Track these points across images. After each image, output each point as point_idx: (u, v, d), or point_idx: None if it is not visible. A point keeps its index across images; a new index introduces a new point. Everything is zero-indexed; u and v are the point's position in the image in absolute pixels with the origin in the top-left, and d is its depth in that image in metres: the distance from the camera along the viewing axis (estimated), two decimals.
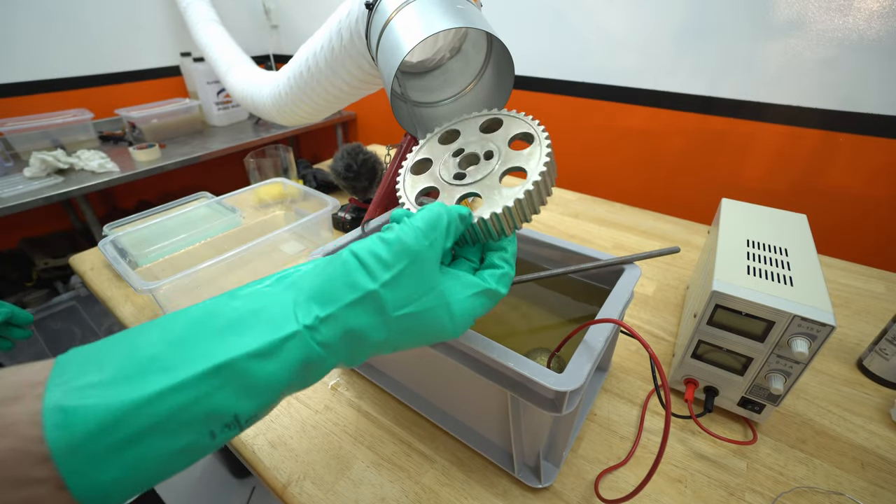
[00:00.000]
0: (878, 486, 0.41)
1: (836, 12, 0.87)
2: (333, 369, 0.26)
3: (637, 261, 0.44)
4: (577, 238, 0.83)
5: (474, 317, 0.28)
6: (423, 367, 0.46)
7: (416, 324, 0.26)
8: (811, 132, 0.98)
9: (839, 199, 1.00)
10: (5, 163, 1.29)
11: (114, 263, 0.55)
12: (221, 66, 1.11)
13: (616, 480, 0.41)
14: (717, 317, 0.43)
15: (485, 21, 0.42)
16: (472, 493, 0.40)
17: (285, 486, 0.41)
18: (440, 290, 0.26)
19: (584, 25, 1.18)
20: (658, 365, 0.31)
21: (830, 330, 0.38)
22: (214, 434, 0.21)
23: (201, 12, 1.44)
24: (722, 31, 1.00)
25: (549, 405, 0.33)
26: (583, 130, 1.32)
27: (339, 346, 0.24)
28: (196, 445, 0.21)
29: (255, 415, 0.22)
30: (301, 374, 0.23)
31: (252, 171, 0.91)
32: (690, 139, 1.14)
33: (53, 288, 1.52)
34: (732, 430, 0.47)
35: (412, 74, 0.59)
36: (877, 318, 0.62)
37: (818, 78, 0.93)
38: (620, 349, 0.56)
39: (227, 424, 0.21)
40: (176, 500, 1.20)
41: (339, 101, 0.67)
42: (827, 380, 0.53)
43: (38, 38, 1.43)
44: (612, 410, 0.48)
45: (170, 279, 0.51)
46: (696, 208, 1.18)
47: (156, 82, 1.77)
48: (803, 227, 0.54)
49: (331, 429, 0.46)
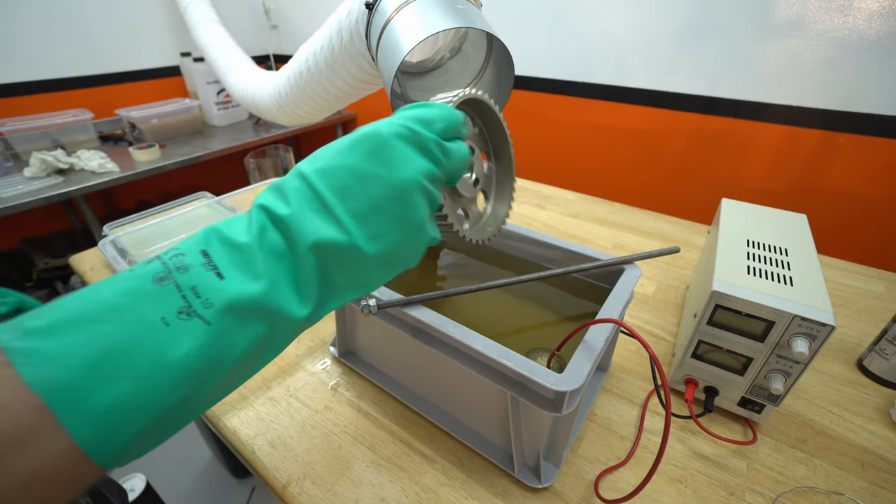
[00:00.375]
0: (878, 486, 0.41)
1: (836, 12, 0.87)
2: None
3: (637, 261, 0.44)
4: (577, 238, 0.83)
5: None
6: (424, 368, 0.46)
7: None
8: (811, 132, 0.98)
9: (839, 199, 1.00)
10: (5, 163, 1.29)
11: (114, 263, 0.55)
12: (221, 66, 1.11)
13: (616, 480, 0.41)
14: (717, 317, 0.43)
15: (485, 21, 0.42)
16: (472, 493, 0.40)
17: (285, 486, 0.41)
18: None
19: (584, 25, 1.18)
20: (658, 365, 0.31)
21: (830, 330, 0.38)
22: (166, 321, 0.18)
23: (201, 12, 1.44)
24: (722, 31, 1.00)
25: (549, 405, 0.33)
26: (583, 130, 1.32)
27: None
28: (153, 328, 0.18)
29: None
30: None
31: (252, 171, 0.91)
32: (690, 139, 1.14)
33: (53, 288, 1.52)
34: (732, 430, 0.47)
35: (412, 74, 0.59)
36: (877, 318, 0.62)
37: (818, 78, 0.93)
38: (620, 349, 0.56)
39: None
40: (176, 500, 1.20)
41: (339, 101, 0.67)
42: (827, 380, 0.53)
43: (38, 38, 1.43)
44: (612, 410, 0.48)
45: None
46: (696, 208, 1.18)
47: (156, 82, 1.77)
48: (803, 227, 0.54)
49: (331, 429, 0.46)
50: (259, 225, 0.22)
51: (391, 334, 0.46)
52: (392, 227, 0.23)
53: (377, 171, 0.23)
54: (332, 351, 0.55)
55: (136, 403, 0.17)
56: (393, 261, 0.25)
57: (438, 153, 0.25)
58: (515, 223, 0.51)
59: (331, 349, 0.55)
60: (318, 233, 0.22)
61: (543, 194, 1.02)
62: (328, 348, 0.56)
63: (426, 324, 0.37)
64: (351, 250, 0.22)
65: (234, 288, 0.20)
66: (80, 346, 0.17)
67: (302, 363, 0.54)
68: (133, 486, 0.94)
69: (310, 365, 0.54)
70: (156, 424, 0.18)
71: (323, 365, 0.54)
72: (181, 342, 0.18)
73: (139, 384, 0.17)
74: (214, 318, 0.19)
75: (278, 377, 0.52)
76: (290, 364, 0.54)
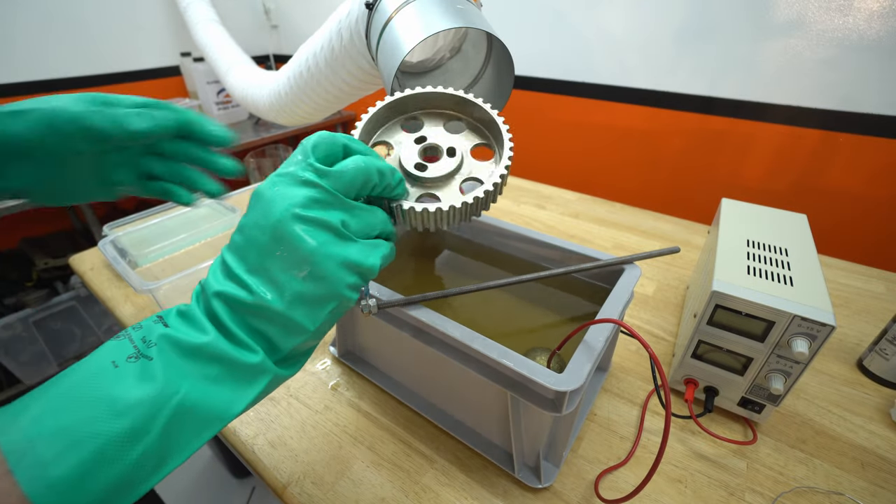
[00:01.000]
0: (878, 486, 0.41)
1: (836, 12, 0.87)
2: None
3: (637, 261, 0.44)
4: (577, 238, 0.83)
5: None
6: (424, 368, 0.46)
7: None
8: (811, 132, 0.98)
9: (839, 199, 1.00)
10: None
11: (114, 263, 0.55)
12: (221, 66, 1.11)
13: (616, 480, 0.41)
14: (717, 317, 0.43)
15: (485, 21, 0.42)
16: (472, 493, 0.40)
17: (285, 486, 0.41)
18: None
19: (584, 25, 1.18)
20: (658, 365, 0.31)
21: (830, 330, 0.38)
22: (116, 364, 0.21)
23: (201, 12, 1.44)
24: (722, 31, 1.00)
25: (549, 405, 0.33)
26: (583, 130, 1.32)
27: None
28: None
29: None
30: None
31: (252, 170, 0.91)
32: (690, 139, 1.14)
33: (53, 288, 1.52)
34: (732, 430, 0.47)
35: (412, 74, 0.59)
36: (877, 318, 0.62)
37: (818, 78, 0.93)
38: (620, 349, 0.56)
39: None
40: (176, 500, 1.20)
41: (339, 101, 0.67)
42: (827, 380, 0.53)
43: (38, 38, 1.43)
44: (612, 410, 0.48)
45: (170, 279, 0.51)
46: (696, 208, 1.18)
47: (156, 82, 1.77)
48: (803, 227, 0.54)
49: (331, 429, 0.46)
50: (195, 293, 0.25)
51: (391, 334, 0.46)
52: (286, 266, 0.24)
53: (256, 221, 0.24)
54: (332, 351, 0.55)
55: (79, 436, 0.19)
56: (313, 299, 0.24)
57: (313, 177, 0.25)
58: (515, 223, 0.51)
59: (331, 349, 0.55)
60: (225, 292, 0.24)
61: (543, 194, 1.02)
62: (328, 348, 0.56)
63: (426, 324, 0.37)
64: (259, 305, 0.23)
65: (175, 332, 0.22)
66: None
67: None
68: None
69: (310, 365, 0.54)
70: (100, 456, 0.19)
71: (323, 365, 0.54)
72: (126, 380, 0.21)
73: (84, 414, 0.20)
74: (156, 355, 0.21)
75: None
76: None
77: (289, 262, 0.24)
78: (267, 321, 0.24)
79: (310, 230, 0.24)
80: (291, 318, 0.24)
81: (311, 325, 0.25)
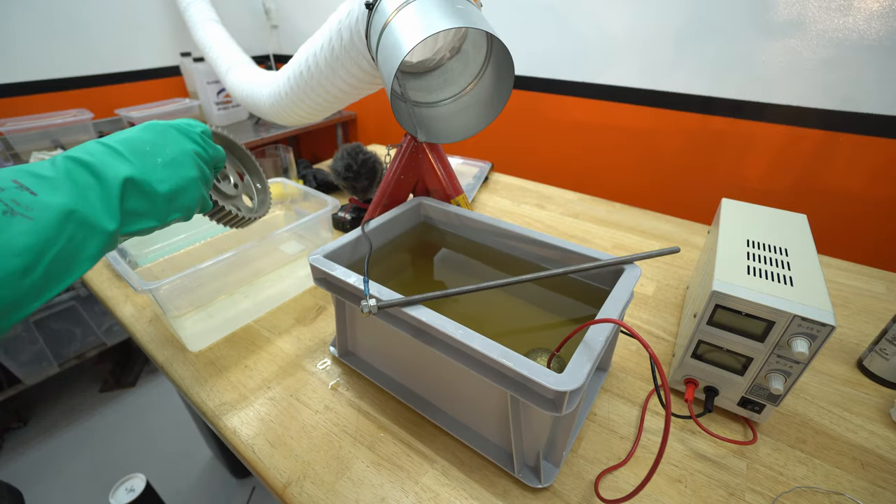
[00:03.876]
0: (878, 486, 0.41)
1: (836, 12, 0.87)
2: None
3: (637, 261, 0.44)
4: (577, 238, 0.83)
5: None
6: (424, 368, 0.46)
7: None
8: (811, 132, 0.98)
9: (839, 199, 1.00)
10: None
11: (114, 263, 0.55)
12: (221, 66, 1.11)
13: (616, 480, 0.41)
14: (717, 317, 0.43)
15: (485, 21, 0.42)
16: (472, 493, 0.40)
17: (285, 486, 0.41)
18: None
19: (585, 25, 1.18)
20: (658, 365, 0.31)
21: (830, 330, 0.38)
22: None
23: (201, 12, 1.44)
24: (722, 31, 1.00)
25: (549, 405, 0.33)
26: (583, 130, 1.32)
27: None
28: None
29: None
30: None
31: None
32: (691, 139, 1.14)
33: None
34: (732, 430, 0.47)
35: (412, 74, 0.59)
36: (877, 318, 0.62)
37: (818, 78, 0.93)
38: (620, 349, 0.56)
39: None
40: (176, 499, 1.20)
41: (339, 101, 0.67)
42: (827, 380, 0.53)
43: (38, 38, 1.43)
44: (612, 410, 0.48)
45: (170, 279, 0.51)
46: (696, 208, 1.18)
47: (156, 82, 1.77)
48: (803, 227, 0.54)
49: (331, 429, 0.46)
50: (65, 167, 0.29)
51: (391, 334, 0.46)
52: (173, 176, 0.35)
53: (163, 142, 0.35)
54: (332, 351, 0.55)
55: None
56: (175, 200, 0.35)
57: (202, 142, 0.38)
58: (515, 223, 0.51)
59: (331, 349, 0.55)
60: (121, 172, 0.31)
61: (543, 194, 1.02)
62: (328, 348, 0.56)
63: (426, 324, 0.37)
64: (145, 184, 0.33)
65: (47, 199, 0.27)
66: None
67: (302, 363, 0.54)
68: (133, 486, 0.94)
69: (310, 365, 0.54)
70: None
71: (323, 365, 0.54)
72: (12, 229, 0.25)
73: None
74: (35, 216, 0.26)
75: (278, 377, 0.52)
76: (290, 364, 0.54)
77: (177, 174, 0.35)
78: (142, 200, 0.33)
79: (194, 167, 0.37)
80: (160, 207, 0.34)
81: (164, 218, 0.35)
